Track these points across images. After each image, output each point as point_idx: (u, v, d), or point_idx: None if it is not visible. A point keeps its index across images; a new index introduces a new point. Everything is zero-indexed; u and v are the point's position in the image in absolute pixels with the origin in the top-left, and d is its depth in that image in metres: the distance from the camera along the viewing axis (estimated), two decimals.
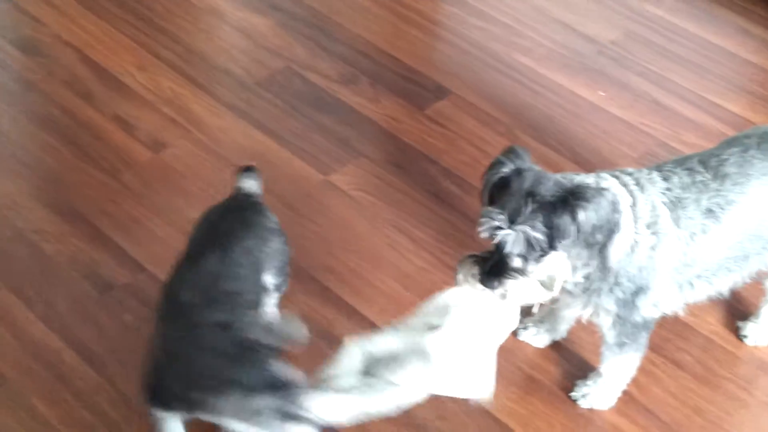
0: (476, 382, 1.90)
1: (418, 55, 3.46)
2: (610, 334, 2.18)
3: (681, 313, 2.23)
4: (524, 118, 3.20)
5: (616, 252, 1.96)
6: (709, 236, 2.06)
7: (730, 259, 2.14)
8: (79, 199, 2.81)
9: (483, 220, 1.86)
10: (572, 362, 2.44)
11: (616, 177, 2.02)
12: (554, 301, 2.08)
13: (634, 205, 1.98)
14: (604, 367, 2.28)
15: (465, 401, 2.11)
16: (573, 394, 2.36)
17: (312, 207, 2.84)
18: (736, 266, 2.16)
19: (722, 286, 2.21)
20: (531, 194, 1.85)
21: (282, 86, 3.28)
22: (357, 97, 3.26)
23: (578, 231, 1.85)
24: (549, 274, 1.93)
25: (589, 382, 2.34)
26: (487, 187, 1.95)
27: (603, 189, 1.91)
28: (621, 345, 2.19)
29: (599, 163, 2.99)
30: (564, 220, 1.83)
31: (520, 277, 1.89)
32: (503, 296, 1.91)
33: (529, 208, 1.84)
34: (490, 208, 1.87)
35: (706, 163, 2.10)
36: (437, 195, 2.90)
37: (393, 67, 3.40)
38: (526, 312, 2.43)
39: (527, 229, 1.83)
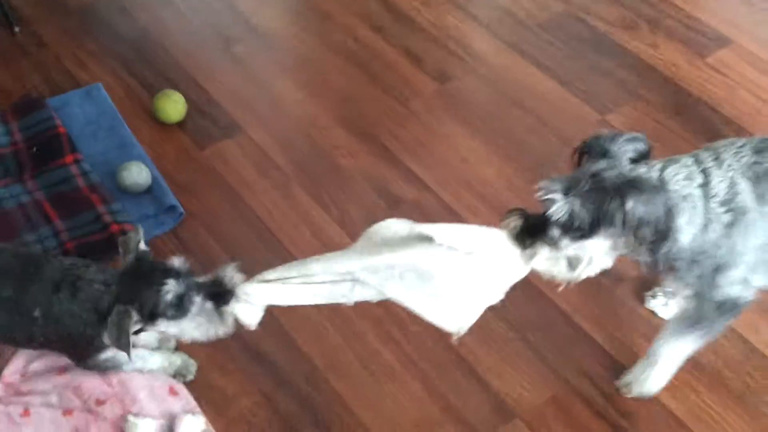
0: (458, 317, 1.91)
1: (698, 2, 3.44)
2: (684, 307, 2.08)
3: None
4: None
5: (666, 256, 1.90)
6: None
7: None
8: (372, 122, 3.05)
9: (542, 184, 1.87)
10: None
11: (695, 156, 1.93)
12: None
13: (705, 184, 1.88)
14: (655, 348, 2.18)
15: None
16: (616, 382, 2.29)
17: None
18: None
19: None
20: (594, 176, 1.84)
21: (562, 29, 3.37)
22: (636, 41, 3.30)
23: (624, 219, 1.81)
24: (578, 255, 1.91)
25: (635, 370, 2.25)
26: (576, 154, 1.98)
27: (662, 188, 1.85)
28: (692, 324, 2.07)
29: None
30: (612, 207, 1.81)
31: (551, 246, 1.89)
32: (530, 257, 1.92)
33: (586, 186, 1.83)
34: (553, 176, 1.88)
35: None
36: None
37: (673, 13, 3.40)
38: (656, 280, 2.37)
39: (575, 203, 1.83)
